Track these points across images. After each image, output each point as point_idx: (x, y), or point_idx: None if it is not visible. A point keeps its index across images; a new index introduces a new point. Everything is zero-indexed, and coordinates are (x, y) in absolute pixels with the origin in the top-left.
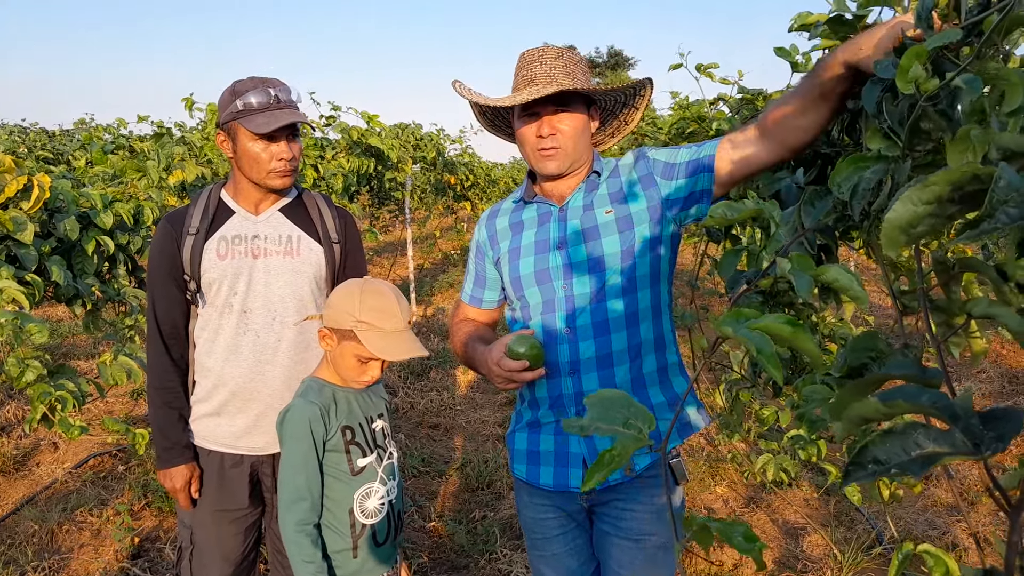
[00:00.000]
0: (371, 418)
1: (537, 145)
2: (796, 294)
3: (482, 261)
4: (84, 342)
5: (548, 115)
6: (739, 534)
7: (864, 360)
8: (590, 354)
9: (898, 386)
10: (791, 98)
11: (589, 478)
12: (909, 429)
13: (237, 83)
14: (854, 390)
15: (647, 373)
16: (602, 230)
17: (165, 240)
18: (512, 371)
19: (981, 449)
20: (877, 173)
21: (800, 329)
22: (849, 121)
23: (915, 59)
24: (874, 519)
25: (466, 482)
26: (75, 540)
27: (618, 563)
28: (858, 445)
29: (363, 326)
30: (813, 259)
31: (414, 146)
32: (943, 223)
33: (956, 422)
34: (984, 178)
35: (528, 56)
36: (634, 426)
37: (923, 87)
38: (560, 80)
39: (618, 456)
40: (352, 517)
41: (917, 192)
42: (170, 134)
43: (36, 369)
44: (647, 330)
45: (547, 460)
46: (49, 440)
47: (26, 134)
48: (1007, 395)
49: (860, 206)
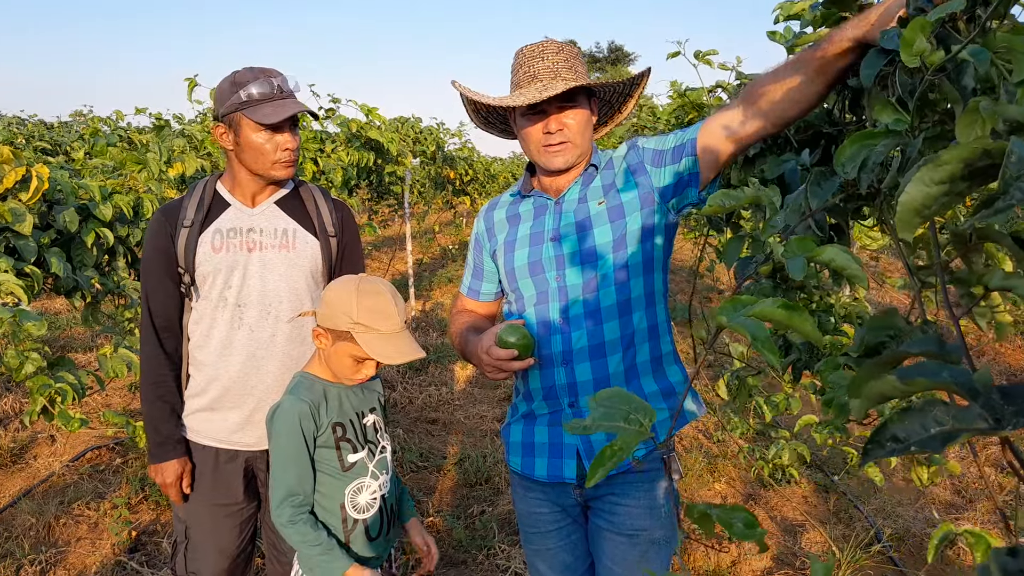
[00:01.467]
0: (362, 413)
1: (544, 141)
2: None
3: (480, 253)
4: (82, 334)
5: (555, 112)
6: (739, 520)
7: (882, 338)
8: (582, 344)
9: (917, 362)
10: (786, 72)
11: (592, 474)
12: (928, 406)
13: (237, 74)
14: (872, 368)
15: (640, 363)
16: (594, 220)
17: (159, 232)
18: (500, 360)
19: (1003, 424)
20: (887, 147)
21: (795, 311)
22: (851, 98)
23: (919, 31)
24: (873, 517)
25: (464, 477)
26: (72, 533)
27: (611, 558)
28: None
29: (360, 328)
30: (824, 241)
31: (414, 140)
32: (955, 200)
33: (976, 398)
34: (995, 153)
35: (528, 52)
36: (635, 420)
37: (928, 60)
38: (565, 75)
39: (620, 451)
40: (344, 512)
41: (929, 172)
42: (169, 126)
43: (35, 361)
44: (640, 319)
45: (541, 452)
46: (46, 433)
47: (24, 125)
48: None
49: (868, 179)
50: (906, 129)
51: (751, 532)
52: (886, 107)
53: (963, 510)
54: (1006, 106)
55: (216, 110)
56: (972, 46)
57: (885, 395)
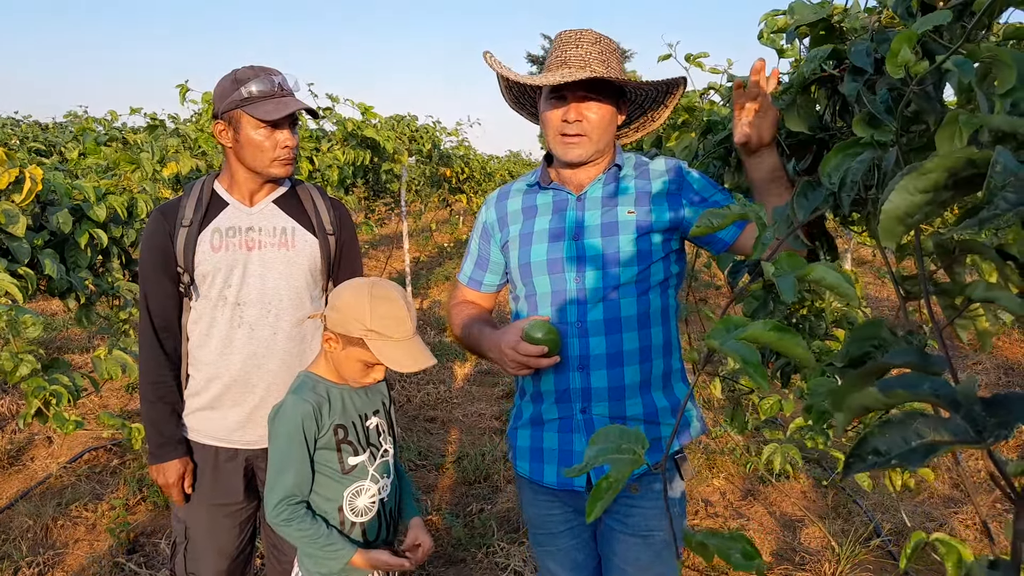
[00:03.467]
0: (366, 416)
1: (561, 130)
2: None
3: (487, 243)
4: (78, 336)
5: (576, 101)
6: (737, 551)
7: (867, 349)
8: (600, 351)
9: (899, 374)
10: (768, 198)
11: (591, 509)
12: (909, 418)
13: (237, 72)
14: (855, 380)
15: (655, 376)
16: (621, 227)
17: (158, 232)
18: (530, 355)
19: (984, 436)
20: (864, 161)
21: (787, 334)
22: (841, 104)
23: (905, 43)
24: (872, 512)
25: (463, 475)
26: (70, 535)
27: (623, 559)
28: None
29: (373, 335)
30: (812, 249)
31: (410, 138)
32: (938, 209)
33: (958, 409)
34: (979, 163)
35: (565, 37)
36: (628, 449)
37: (913, 70)
38: (594, 66)
39: (615, 482)
40: (341, 515)
41: (913, 181)
42: (164, 126)
43: (30, 363)
44: (657, 334)
45: (551, 458)
46: (43, 435)
47: (18, 126)
48: (1004, 387)
49: (849, 199)
50: (890, 140)
51: (749, 564)
52: (859, 121)
53: (961, 504)
54: (990, 116)
55: (216, 107)
56: (956, 56)
57: (867, 407)
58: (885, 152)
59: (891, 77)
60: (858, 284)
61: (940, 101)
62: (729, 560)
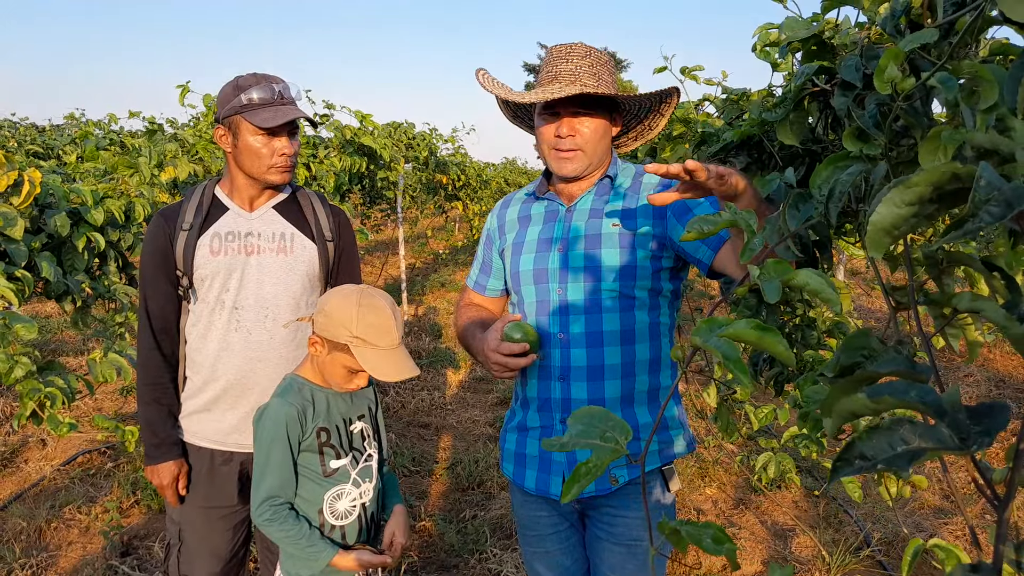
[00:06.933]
0: (350, 420)
1: (555, 144)
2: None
3: (490, 249)
4: (73, 338)
5: (568, 116)
6: (708, 536)
7: (857, 359)
8: (581, 363)
9: (886, 381)
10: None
11: (567, 491)
12: (895, 425)
13: (240, 78)
14: (844, 387)
15: (638, 392)
16: (604, 240)
17: (158, 235)
18: (509, 354)
19: (967, 444)
20: (853, 174)
21: (768, 332)
22: (833, 117)
23: (892, 60)
24: (862, 521)
25: (456, 482)
26: (63, 537)
27: (610, 567)
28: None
29: (358, 342)
30: (806, 259)
31: (406, 145)
32: (923, 222)
33: (943, 417)
34: (964, 177)
35: (556, 51)
36: (611, 439)
37: (900, 86)
38: (584, 80)
39: (594, 468)
40: (322, 517)
41: (899, 193)
42: (162, 131)
43: (25, 365)
44: (643, 351)
45: (532, 464)
46: (37, 437)
47: (16, 129)
48: (994, 399)
49: (836, 209)
50: (879, 154)
51: (720, 548)
52: (848, 136)
53: (951, 515)
54: (972, 133)
55: (218, 112)
56: (940, 73)
57: (855, 413)
58: (874, 165)
59: (880, 93)
60: (846, 295)
61: (928, 116)
62: (701, 545)
